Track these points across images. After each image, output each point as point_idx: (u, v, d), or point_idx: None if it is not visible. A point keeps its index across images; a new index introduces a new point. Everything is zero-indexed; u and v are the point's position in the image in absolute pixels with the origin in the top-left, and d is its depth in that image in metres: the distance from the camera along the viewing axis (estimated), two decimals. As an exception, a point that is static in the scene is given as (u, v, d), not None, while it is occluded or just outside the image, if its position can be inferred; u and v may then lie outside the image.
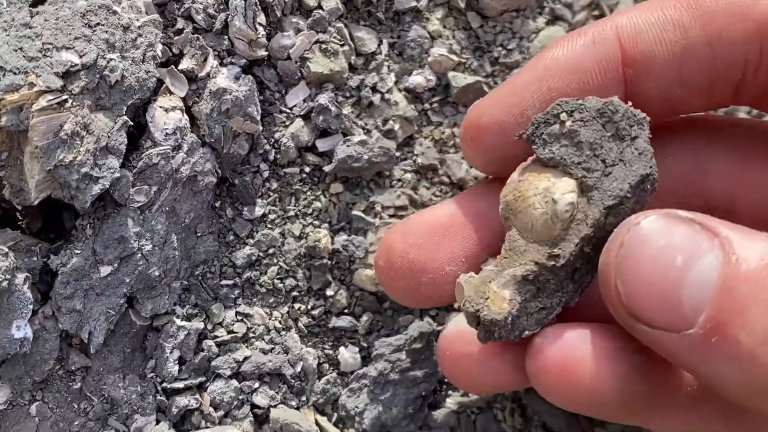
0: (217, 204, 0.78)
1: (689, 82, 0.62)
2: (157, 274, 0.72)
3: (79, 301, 0.69)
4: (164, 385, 0.74)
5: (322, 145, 0.79)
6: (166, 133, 0.71)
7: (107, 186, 0.67)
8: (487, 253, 0.67)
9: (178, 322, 0.74)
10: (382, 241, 0.70)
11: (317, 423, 0.78)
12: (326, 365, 0.80)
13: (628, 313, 0.52)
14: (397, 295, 0.71)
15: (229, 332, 0.77)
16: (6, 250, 0.65)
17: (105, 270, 0.70)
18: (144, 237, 0.71)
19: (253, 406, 0.77)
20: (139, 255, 0.71)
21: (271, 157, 0.79)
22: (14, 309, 0.66)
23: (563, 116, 0.59)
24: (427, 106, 0.83)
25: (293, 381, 0.78)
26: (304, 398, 0.78)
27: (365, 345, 0.80)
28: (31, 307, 0.67)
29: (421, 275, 0.67)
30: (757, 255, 0.48)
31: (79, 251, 0.69)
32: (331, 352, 0.80)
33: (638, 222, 0.53)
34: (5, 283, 0.65)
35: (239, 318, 0.77)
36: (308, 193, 0.79)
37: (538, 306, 0.60)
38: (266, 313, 0.78)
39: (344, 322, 0.79)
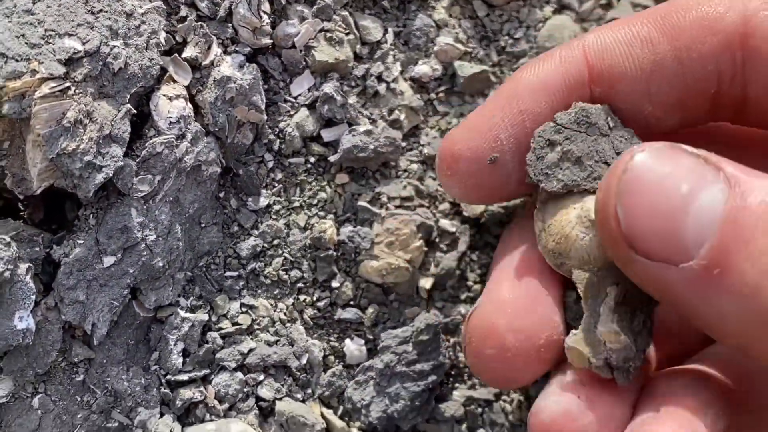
0: (221, 194, 0.77)
1: (659, 98, 0.61)
2: (161, 264, 0.71)
3: (82, 291, 0.68)
4: (168, 377, 0.73)
5: (327, 134, 0.78)
6: (170, 122, 0.70)
7: (111, 175, 0.66)
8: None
9: (183, 313, 0.73)
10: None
11: (323, 416, 0.77)
12: (332, 357, 0.79)
13: (627, 242, 0.50)
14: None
15: (233, 324, 0.76)
16: (8, 239, 0.64)
17: (108, 260, 0.69)
18: (148, 227, 0.70)
19: (258, 398, 0.76)
20: (143, 245, 0.70)
21: (276, 147, 0.78)
22: (16, 300, 0.65)
23: (555, 137, 0.60)
24: (433, 95, 0.82)
25: (298, 373, 0.77)
26: (309, 391, 0.77)
27: (371, 337, 0.79)
28: (33, 297, 0.66)
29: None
30: (763, 190, 0.47)
31: (82, 241, 0.68)
32: (336, 344, 0.79)
33: (643, 149, 0.51)
34: (7, 274, 0.64)
35: (244, 310, 0.76)
36: (313, 183, 0.78)
37: (640, 322, 0.59)
38: (271, 304, 0.77)
39: (350, 314, 0.78)
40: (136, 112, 0.69)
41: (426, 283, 0.79)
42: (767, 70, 0.58)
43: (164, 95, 0.71)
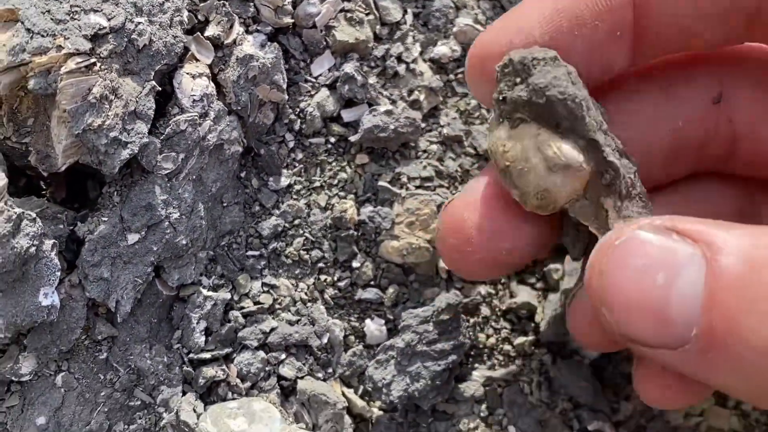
0: (243, 174, 0.77)
1: (704, 12, 0.60)
2: (184, 243, 0.71)
3: (107, 269, 0.68)
4: (191, 356, 0.73)
5: (347, 115, 0.78)
6: (194, 100, 0.70)
7: (136, 151, 0.66)
8: None
9: (205, 292, 0.74)
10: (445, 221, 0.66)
11: (344, 395, 0.77)
12: (352, 337, 0.79)
13: (624, 337, 0.51)
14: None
15: (255, 303, 0.76)
16: (33, 215, 0.64)
17: (132, 238, 0.69)
18: (171, 205, 0.70)
19: (280, 377, 0.76)
20: (167, 223, 0.70)
21: (297, 127, 0.78)
22: (42, 276, 0.65)
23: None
24: (452, 77, 0.82)
25: (319, 353, 0.77)
26: (330, 370, 0.77)
27: (391, 317, 0.79)
28: (58, 274, 0.66)
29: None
30: (740, 257, 0.46)
31: (106, 218, 0.68)
32: (357, 324, 0.79)
33: (614, 244, 0.51)
34: (33, 249, 0.64)
35: (265, 289, 0.76)
36: (334, 163, 0.79)
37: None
38: (292, 284, 0.77)
39: (370, 294, 0.79)
40: (160, 89, 0.69)
41: (446, 263, 0.79)
42: None
43: (187, 73, 0.71)
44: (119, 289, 0.69)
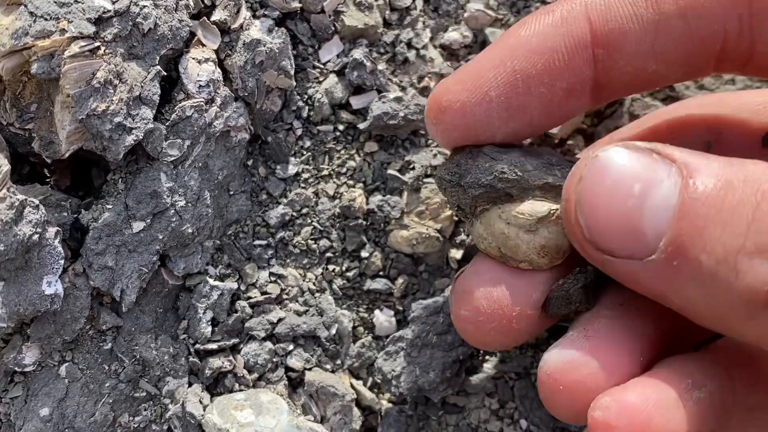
0: (250, 162, 0.76)
1: (664, 57, 0.60)
2: (190, 231, 0.70)
3: (111, 257, 0.67)
4: (197, 346, 0.72)
5: (356, 102, 0.77)
6: (200, 86, 0.69)
7: (140, 137, 0.65)
8: None
9: (211, 282, 0.72)
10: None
11: (352, 387, 0.75)
12: (361, 328, 0.77)
13: (591, 245, 0.53)
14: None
15: (262, 293, 0.75)
16: (36, 202, 0.63)
17: (138, 226, 0.68)
18: (177, 192, 0.69)
19: (288, 369, 0.75)
20: (173, 211, 0.69)
21: (305, 114, 0.76)
22: (45, 264, 0.64)
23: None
24: (463, 62, 0.80)
25: (328, 344, 0.76)
26: (338, 362, 0.76)
27: (400, 308, 0.78)
28: (62, 262, 0.65)
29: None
30: (713, 177, 0.49)
31: (110, 206, 0.67)
32: (366, 315, 0.77)
33: (596, 155, 0.53)
34: (36, 237, 0.63)
35: (273, 279, 0.75)
36: (342, 151, 0.77)
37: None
38: (300, 274, 0.76)
39: (379, 284, 0.77)
40: (165, 74, 0.67)
41: (456, 253, 0.78)
42: None
43: (193, 58, 0.69)
44: (124, 278, 0.68)
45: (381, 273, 0.78)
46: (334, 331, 0.76)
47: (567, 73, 0.60)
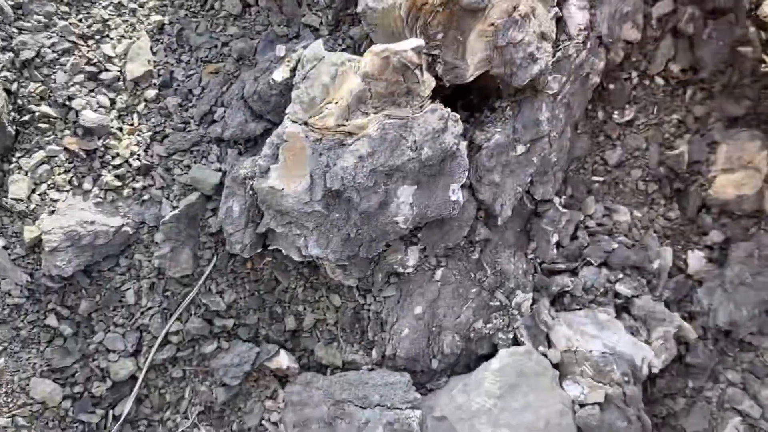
0: (589, 106, 0.84)
1: None
2: (554, 160, 0.78)
3: (498, 175, 0.75)
4: (543, 265, 0.80)
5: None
6: (579, 29, 0.76)
7: (543, 68, 0.73)
8: None
9: (561, 209, 0.80)
10: None
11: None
12: (676, 267, 0.84)
13: None
14: None
15: (598, 225, 0.82)
16: (457, 117, 0.71)
17: (520, 149, 0.75)
18: (551, 123, 0.76)
19: (616, 294, 0.82)
20: (546, 140, 0.76)
21: (642, 67, 0.84)
22: (453, 173, 0.72)
23: None
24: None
25: (650, 277, 0.83)
26: (657, 293, 0.83)
27: (712, 249, 0.85)
28: (465, 173, 0.72)
29: None
30: None
31: (500, 130, 0.75)
32: (681, 254, 0.84)
33: None
34: (454, 147, 0.70)
35: (607, 213, 0.83)
36: (672, 103, 0.84)
37: None
38: (630, 211, 0.83)
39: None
40: (561, 15, 0.75)
41: None
42: None
43: (574, 5, 0.77)
44: (504, 194, 0.76)
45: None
46: (656, 266, 0.83)
47: None
